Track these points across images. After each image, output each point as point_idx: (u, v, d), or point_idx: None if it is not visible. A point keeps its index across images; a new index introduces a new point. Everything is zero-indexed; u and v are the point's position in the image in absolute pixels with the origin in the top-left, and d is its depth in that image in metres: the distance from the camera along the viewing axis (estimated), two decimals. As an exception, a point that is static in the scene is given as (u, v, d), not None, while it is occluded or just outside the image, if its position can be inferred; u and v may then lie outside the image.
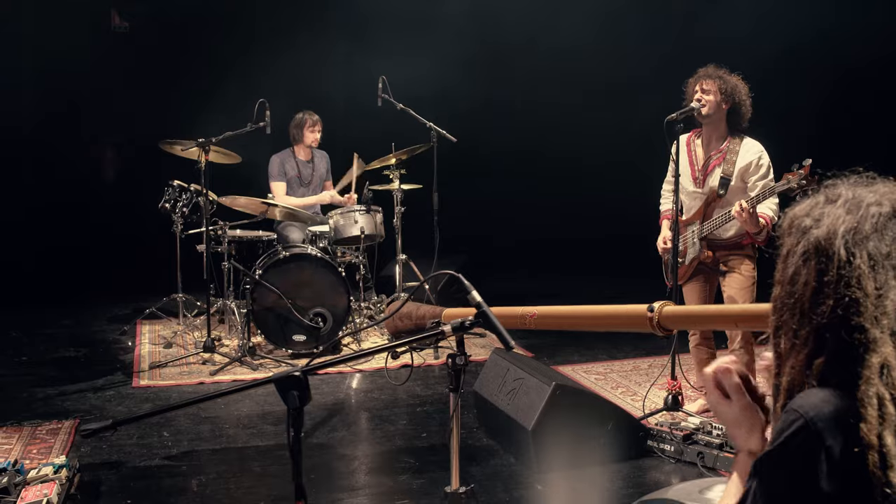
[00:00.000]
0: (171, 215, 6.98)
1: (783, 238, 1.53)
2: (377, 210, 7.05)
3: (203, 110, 7.87)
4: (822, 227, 1.45)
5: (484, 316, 2.08)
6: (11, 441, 4.90)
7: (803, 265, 1.45)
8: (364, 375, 6.22)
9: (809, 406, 1.36)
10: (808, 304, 1.43)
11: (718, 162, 4.88)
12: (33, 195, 8.61)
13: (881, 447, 1.30)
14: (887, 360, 1.34)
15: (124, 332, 7.33)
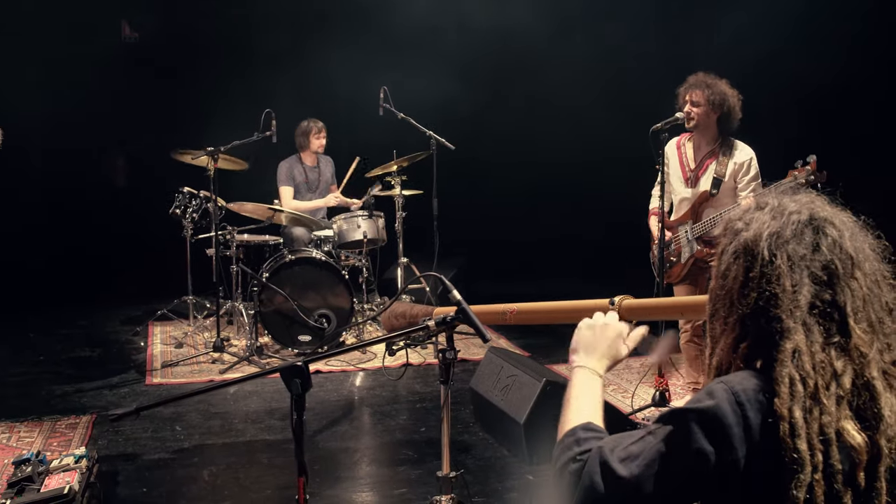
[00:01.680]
0: (181, 221, 7.27)
1: (720, 238, 1.80)
2: (379, 215, 7.32)
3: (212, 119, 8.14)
4: (750, 231, 1.71)
5: (463, 312, 2.35)
6: (33, 434, 5.19)
7: (734, 262, 1.72)
8: (366, 374, 6.49)
9: (733, 381, 1.62)
10: (736, 295, 1.70)
11: (711, 162, 5.12)
12: (49, 201, 8.88)
13: (791, 419, 1.55)
14: (798, 346, 1.60)
15: (137, 333, 7.62)
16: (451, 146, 7.18)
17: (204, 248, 7.36)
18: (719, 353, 1.73)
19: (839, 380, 1.58)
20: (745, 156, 5.06)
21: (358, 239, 7.16)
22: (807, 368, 1.57)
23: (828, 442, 1.54)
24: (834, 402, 1.56)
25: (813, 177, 4.65)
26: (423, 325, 2.41)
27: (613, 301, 2.24)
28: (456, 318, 2.39)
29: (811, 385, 1.57)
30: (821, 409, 1.55)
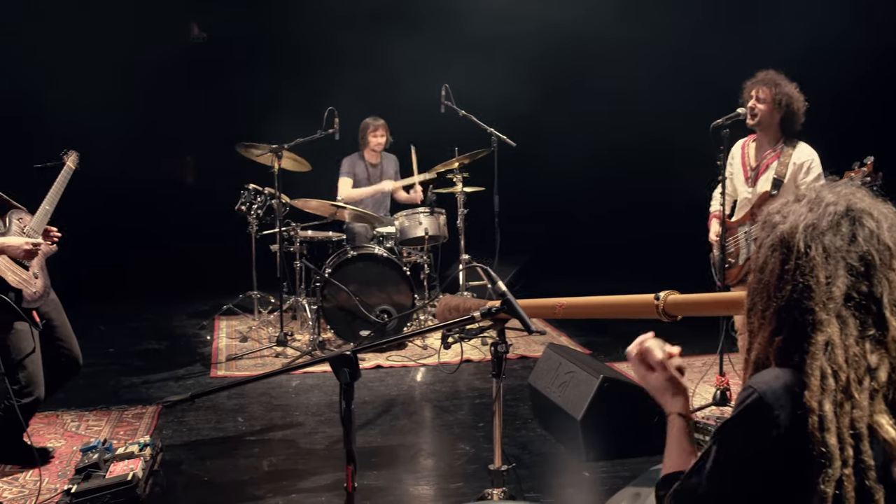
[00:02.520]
0: (246, 217, 7.39)
1: (759, 231, 1.78)
2: (441, 212, 7.36)
3: (277, 117, 8.27)
4: (787, 223, 1.70)
5: (508, 303, 2.36)
6: (101, 423, 5.34)
7: (770, 255, 1.71)
8: (427, 369, 6.53)
9: (762, 382, 1.61)
10: (772, 289, 1.68)
11: (771, 162, 5.04)
12: (122, 197, 9.08)
13: (820, 412, 1.53)
14: (831, 338, 1.58)
15: (203, 327, 7.77)
16: (512, 143, 7.20)
17: (268, 244, 7.49)
18: (757, 347, 1.72)
19: (874, 373, 1.56)
20: (806, 156, 4.96)
21: (419, 236, 7.21)
22: (839, 361, 1.56)
23: (859, 436, 1.52)
24: (867, 397, 1.54)
25: (869, 178, 4.54)
26: (470, 316, 2.43)
27: (659, 296, 2.24)
28: (501, 308, 2.40)
29: (843, 378, 1.55)
30: (852, 404, 1.54)
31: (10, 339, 4.24)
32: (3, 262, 4.19)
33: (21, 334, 4.26)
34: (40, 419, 5.40)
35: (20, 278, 4.23)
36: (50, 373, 4.53)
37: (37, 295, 4.34)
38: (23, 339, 4.27)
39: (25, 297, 4.24)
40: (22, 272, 4.27)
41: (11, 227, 4.37)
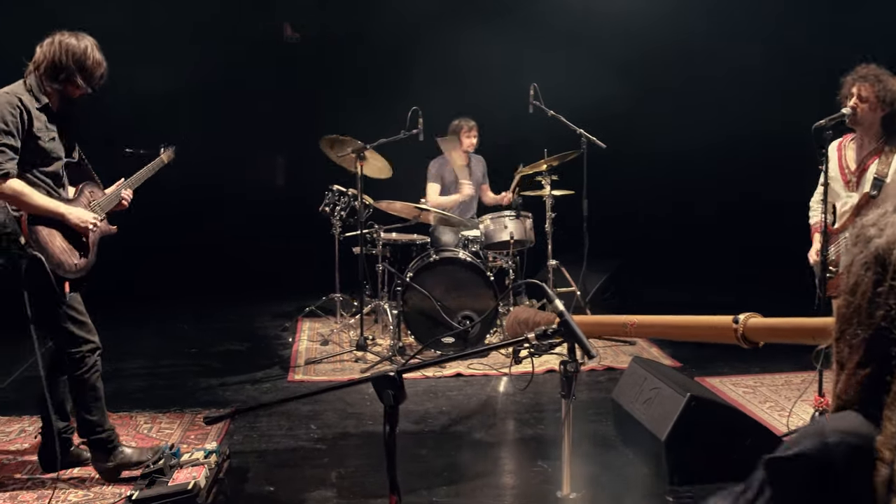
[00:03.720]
0: (330, 218, 7.29)
1: (851, 247, 1.49)
2: (527, 216, 7.12)
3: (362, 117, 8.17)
4: (883, 237, 1.40)
5: (566, 325, 2.13)
6: (173, 426, 5.27)
7: (864, 274, 1.41)
8: (510, 379, 6.29)
9: (835, 430, 1.34)
10: (864, 313, 1.39)
11: (872, 162, 4.67)
12: (209, 197, 9.10)
13: (892, 466, 1.27)
14: None
15: (285, 329, 7.70)
16: (602, 145, 6.91)
17: (352, 246, 7.36)
18: (843, 380, 1.42)
19: None
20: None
21: (505, 240, 6.98)
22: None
23: None
24: None
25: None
26: (524, 337, 2.20)
27: (738, 319, 1.97)
28: (557, 331, 2.17)
29: None
30: None
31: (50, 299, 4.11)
32: (57, 230, 4.11)
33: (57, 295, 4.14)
34: (114, 419, 5.35)
35: (67, 247, 4.15)
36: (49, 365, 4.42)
37: (76, 267, 4.22)
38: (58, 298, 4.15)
39: (64, 265, 4.14)
40: (71, 243, 4.18)
41: (81, 198, 4.32)
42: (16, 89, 4.03)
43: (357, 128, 7.25)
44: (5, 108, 3.93)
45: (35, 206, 4.00)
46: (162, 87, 8.72)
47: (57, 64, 4.05)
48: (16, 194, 3.93)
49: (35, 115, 4.02)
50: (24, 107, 3.97)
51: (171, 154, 5.00)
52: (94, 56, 4.14)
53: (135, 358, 6.83)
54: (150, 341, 7.33)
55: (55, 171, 4.19)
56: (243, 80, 9.17)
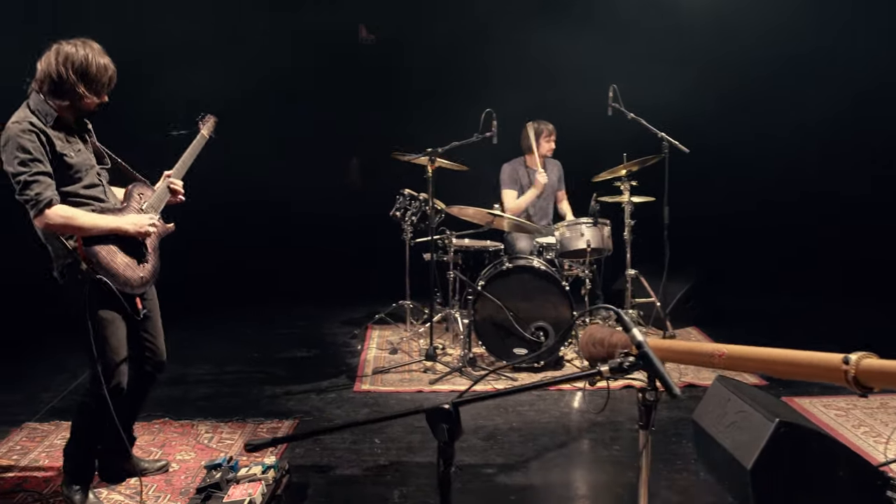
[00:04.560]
0: (400, 223, 7.10)
1: None
2: (605, 223, 6.82)
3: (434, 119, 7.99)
4: None
5: (645, 358, 1.86)
6: (234, 437, 5.11)
7: None
8: (585, 394, 6.00)
9: None
10: None
11: None
12: (280, 201, 8.99)
13: None
14: None
15: (354, 336, 7.53)
16: (684, 149, 6.57)
17: (422, 252, 7.15)
18: None
19: None
20: None
21: (581, 248, 6.69)
22: None
23: None
24: None
25: None
26: (596, 370, 1.94)
27: (849, 359, 1.67)
28: (635, 365, 1.90)
29: None
30: None
31: (99, 329, 3.92)
32: (115, 245, 3.94)
33: (107, 323, 3.94)
34: (175, 428, 5.23)
35: (129, 261, 3.98)
36: (132, 370, 4.25)
37: (142, 280, 4.04)
38: (108, 327, 3.95)
39: (131, 282, 3.97)
40: (132, 255, 4.02)
41: (131, 202, 4.11)
42: (22, 115, 3.79)
43: (429, 130, 7.06)
44: (22, 137, 3.70)
45: (87, 228, 3.80)
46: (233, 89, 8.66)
47: (57, 78, 3.79)
48: (65, 220, 3.74)
49: (52, 135, 3.80)
50: (37, 129, 3.74)
51: (211, 125, 4.68)
52: (97, 62, 3.84)
53: (202, 363, 6.73)
54: (218, 346, 7.23)
55: (93, 181, 4.00)
56: (316, 81, 9.03)
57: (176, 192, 4.32)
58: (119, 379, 4.01)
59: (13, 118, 3.77)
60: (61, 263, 3.85)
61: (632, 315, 6.98)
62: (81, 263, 3.78)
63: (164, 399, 5.81)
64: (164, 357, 4.38)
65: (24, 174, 3.67)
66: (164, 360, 4.39)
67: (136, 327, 4.16)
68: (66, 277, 3.86)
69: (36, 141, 3.71)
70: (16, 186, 3.70)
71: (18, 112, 3.81)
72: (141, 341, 4.24)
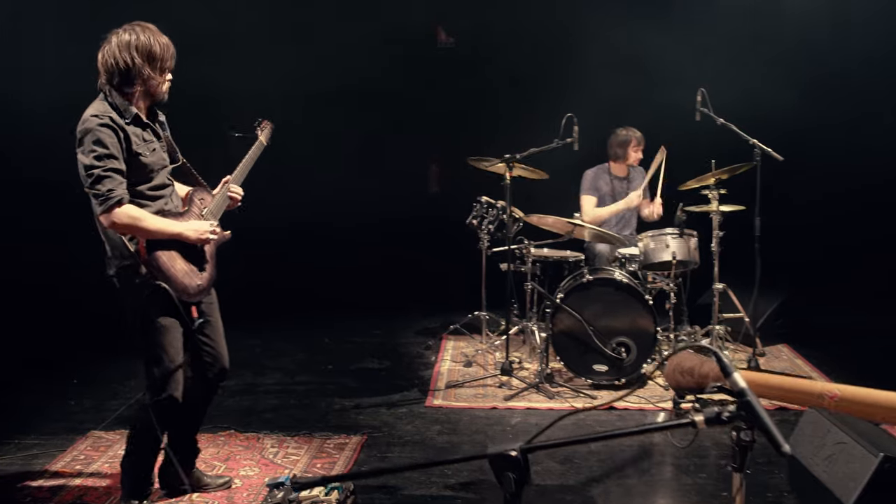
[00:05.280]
0: (477, 231, 6.88)
1: None
2: (691, 234, 6.49)
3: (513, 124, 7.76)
4: None
5: (748, 408, 1.58)
6: (300, 452, 4.93)
7: None
8: (669, 416, 5.67)
9: None
10: None
11: None
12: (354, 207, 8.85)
13: None
14: None
15: (428, 347, 7.32)
16: (778, 157, 6.19)
17: (499, 262, 6.89)
18: None
19: None
20: None
21: (666, 260, 6.37)
22: None
23: None
24: None
25: None
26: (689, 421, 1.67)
27: None
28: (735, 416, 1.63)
29: None
30: None
31: (155, 336, 3.81)
32: (176, 250, 3.81)
33: (164, 330, 3.82)
34: (240, 441, 5.08)
35: (188, 268, 3.84)
36: (193, 379, 4.10)
37: (199, 288, 3.91)
38: (165, 334, 3.82)
39: (188, 289, 3.83)
40: (191, 261, 3.88)
41: (192, 207, 3.99)
42: (102, 108, 3.69)
43: (507, 135, 6.83)
44: (101, 131, 3.61)
45: (153, 231, 3.70)
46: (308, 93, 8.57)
47: (124, 67, 3.68)
48: (132, 221, 3.64)
49: (130, 132, 3.70)
50: (116, 125, 3.65)
51: (269, 133, 4.54)
52: (158, 42, 3.75)
53: (272, 372, 6.60)
54: (290, 355, 7.09)
55: (163, 182, 3.90)
56: (393, 85, 8.85)
57: (234, 200, 4.19)
58: (175, 389, 3.87)
59: (92, 111, 3.68)
60: (119, 264, 3.75)
61: (719, 331, 6.61)
62: (141, 267, 3.67)
63: (232, 409, 5.69)
64: (227, 364, 4.23)
65: (98, 168, 3.59)
66: (227, 368, 4.24)
67: (195, 333, 4.02)
68: (123, 281, 3.75)
69: (114, 137, 3.63)
70: (87, 180, 3.62)
71: (97, 105, 3.72)
72: (201, 348, 4.10)
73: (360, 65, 8.64)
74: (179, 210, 3.94)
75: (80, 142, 3.64)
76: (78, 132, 3.65)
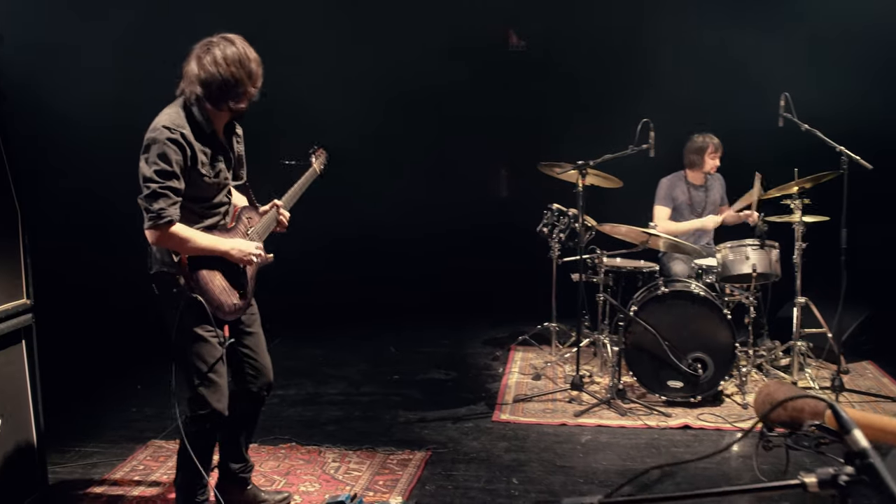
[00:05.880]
0: (548, 240, 6.69)
1: None
2: (773, 245, 6.19)
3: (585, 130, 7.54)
4: None
5: (871, 472, 1.37)
6: (362, 467, 4.79)
7: None
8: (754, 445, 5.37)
9: None
10: None
11: None
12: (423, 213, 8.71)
13: None
14: None
15: (496, 358, 7.13)
16: (867, 165, 5.86)
17: (570, 272, 6.67)
18: None
19: None
20: None
21: (746, 272, 6.08)
22: None
23: None
24: None
25: None
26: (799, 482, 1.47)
27: None
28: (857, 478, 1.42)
29: None
30: None
31: (193, 347, 3.70)
32: (218, 267, 3.70)
33: (202, 341, 3.70)
34: (301, 454, 4.96)
35: (226, 286, 3.72)
36: (237, 392, 3.98)
37: (235, 307, 3.79)
38: (203, 345, 3.70)
39: (224, 307, 3.71)
40: (231, 280, 3.76)
41: (239, 225, 3.88)
42: (176, 120, 3.57)
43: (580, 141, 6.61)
44: (168, 146, 3.49)
45: (198, 249, 3.61)
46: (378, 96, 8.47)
47: (229, 80, 3.55)
48: (178, 242, 3.55)
49: (198, 149, 3.60)
50: (185, 142, 3.54)
51: (323, 160, 4.47)
52: (252, 55, 3.65)
53: (336, 382, 6.49)
54: (355, 365, 6.96)
55: (221, 200, 3.80)
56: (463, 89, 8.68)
57: (282, 224, 4.09)
58: (218, 402, 3.75)
59: (165, 120, 3.57)
60: (160, 268, 3.65)
61: (800, 347, 6.30)
62: (180, 278, 3.55)
63: (294, 420, 5.58)
64: (271, 376, 4.11)
65: (156, 185, 3.49)
66: (271, 381, 4.12)
67: (236, 345, 3.91)
68: (161, 287, 3.65)
69: (179, 154, 3.52)
70: (143, 190, 3.52)
71: (171, 114, 3.60)
72: (243, 360, 3.99)
73: (430, 69, 8.49)
74: (227, 226, 3.83)
75: (145, 148, 3.54)
76: (146, 138, 3.55)
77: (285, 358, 6.97)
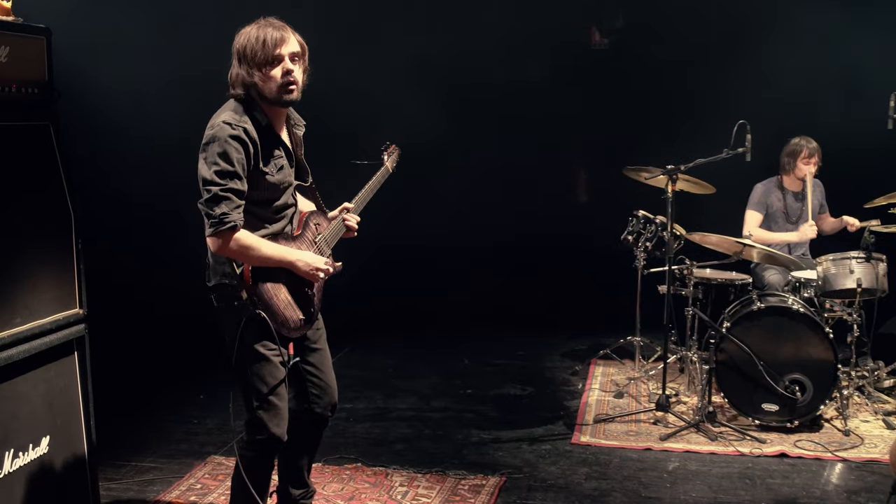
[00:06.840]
0: (633, 249, 6.31)
1: None
2: (880, 258, 5.70)
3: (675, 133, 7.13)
4: None
5: None
6: (431, 493, 4.46)
7: None
8: (849, 467, 4.93)
9: None
10: None
11: None
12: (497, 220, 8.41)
13: None
14: None
15: (576, 373, 6.75)
16: None
17: (657, 283, 6.27)
18: None
19: None
20: None
21: (850, 287, 5.61)
22: None
23: None
24: None
25: None
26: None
27: None
28: None
29: None
30: None
31: (253, 366, 3.39)
32: (283, 280, 3.39)
33: (263, 359, 3.39)
34: (367, 476, 4.66)
35: (291, 300, 3.41)
36: (298, 413, 3.67)
37: (300, 323, 3.46)
38: (264, 364, 3.40)
39: (288, 322, 3.40)
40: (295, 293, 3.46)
41: (306, 232, 3.56)
42: (236, 116, 3.29)
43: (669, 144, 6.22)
44: (230, 144, 3.20)
45: (262, 258, 3.30)
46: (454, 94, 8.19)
47: (258, 38, 3.27)
48: (242, 249, 3.24)
49: (260, 147, 3.30)
50: (249, 139, 3.25)
51: (395, 158, 4.17)
52: (250, 35, 3.32)
53: (406, 396, 6.19)
54: (427, 377, 6.65)
55: (286, 202, 3.48)
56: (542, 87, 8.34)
57: (351, 229, 3.77)
58: (278, 425, 3.44)
59: (225, 115, 3.28)
60: (219, 280, 3.36)
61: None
62: (242, 291, 3.25)
63: (361, 438, 5.28)
64: (336, 397, 3.76)
65: (218, 187, 3.19)
66: (336, 401, 3.77)
67: (300, 363, 3.62)
68: (221, 300, 3.35)
69: (242, 153, 3.21)
70: (203, 193, 3.22)
71: (232, 112, 3.31)
72: (307, 379, 3.67)
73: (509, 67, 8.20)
74: (293, 233, 3.53)
75: (204, 147, 3.24)
76: (205, 136, 3.25)
77: (355, 367, 6.72)
